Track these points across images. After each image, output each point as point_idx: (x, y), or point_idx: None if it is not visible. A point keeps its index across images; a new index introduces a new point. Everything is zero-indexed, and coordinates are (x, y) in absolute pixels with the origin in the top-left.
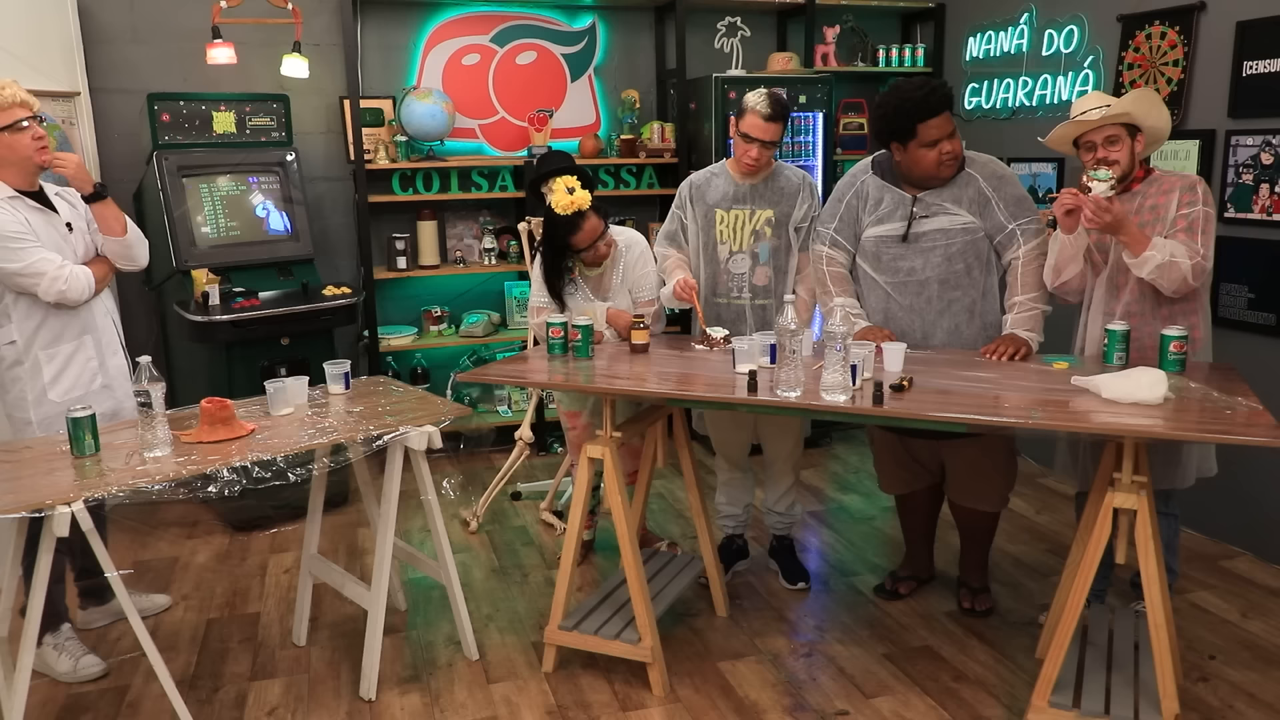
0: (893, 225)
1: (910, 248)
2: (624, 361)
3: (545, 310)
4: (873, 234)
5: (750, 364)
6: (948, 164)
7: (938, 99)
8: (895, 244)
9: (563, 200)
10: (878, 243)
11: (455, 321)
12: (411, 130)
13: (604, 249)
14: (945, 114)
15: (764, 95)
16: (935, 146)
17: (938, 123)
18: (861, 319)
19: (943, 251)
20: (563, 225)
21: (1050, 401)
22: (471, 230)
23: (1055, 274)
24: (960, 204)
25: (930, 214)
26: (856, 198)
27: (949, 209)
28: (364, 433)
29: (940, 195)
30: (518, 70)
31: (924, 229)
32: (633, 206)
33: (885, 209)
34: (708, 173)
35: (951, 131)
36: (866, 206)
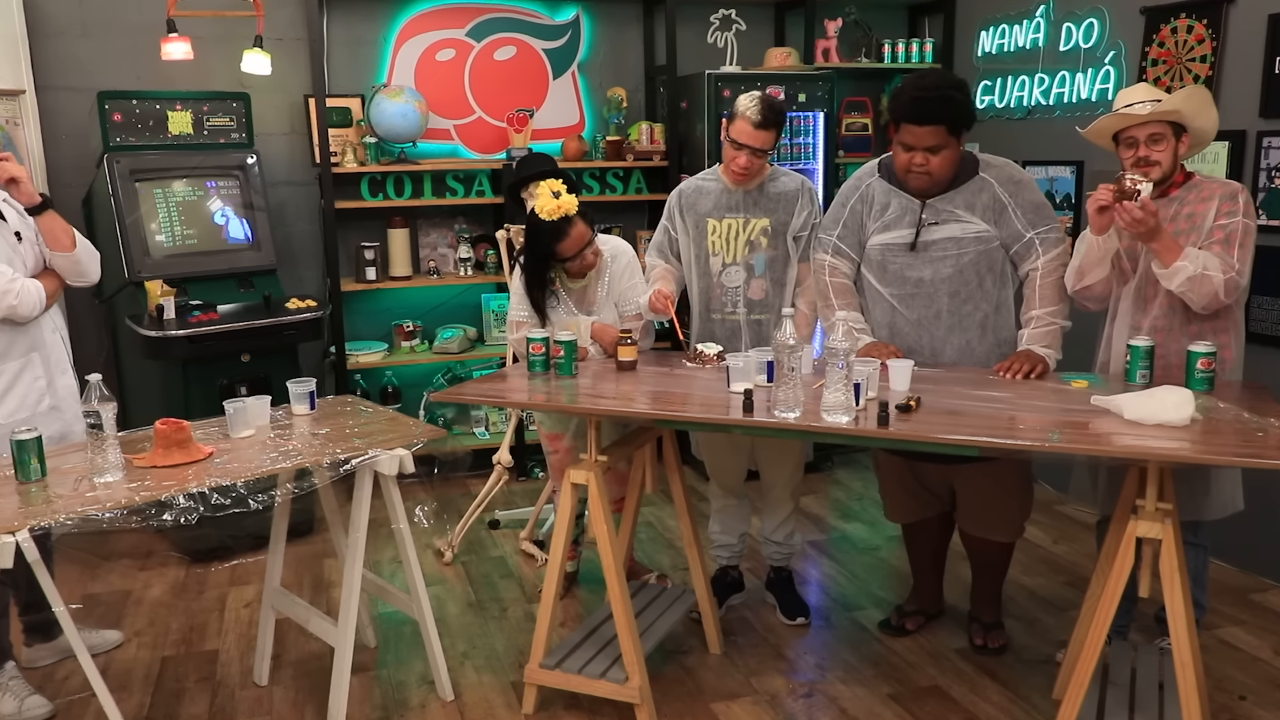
0: (900, 232)
1: (918, 257)
2: (610, 380)
3: (525, 325)
4: (878, 242)
5: (745, 382)
6: (916, 176)
7: (926, 109)
8: (902, 253)
9: (548, 205)
10: (883, 251)
11: (428, 337)
12: (381, 131)
13: (591, 258)
14: (930, 128)
15: (756, 100)
16: (908, 152)
17: (917, 132)
18: (866, 334)
19: (954, 261)
20: (547, 232)
21: (1069, 423)
22: (446, 239)
23: (1078, 277)
24: (973, 210)
25: (940, 221)
26: (861, 202)
27: (961, 216)
28: (330, 456)
29: (952, 201)
30: (496, 67)
31: (933, 237)
32: (619, 213)
33: (892, 215)
34: (698, 180)
35: (934, 147)
36: (872, 212)
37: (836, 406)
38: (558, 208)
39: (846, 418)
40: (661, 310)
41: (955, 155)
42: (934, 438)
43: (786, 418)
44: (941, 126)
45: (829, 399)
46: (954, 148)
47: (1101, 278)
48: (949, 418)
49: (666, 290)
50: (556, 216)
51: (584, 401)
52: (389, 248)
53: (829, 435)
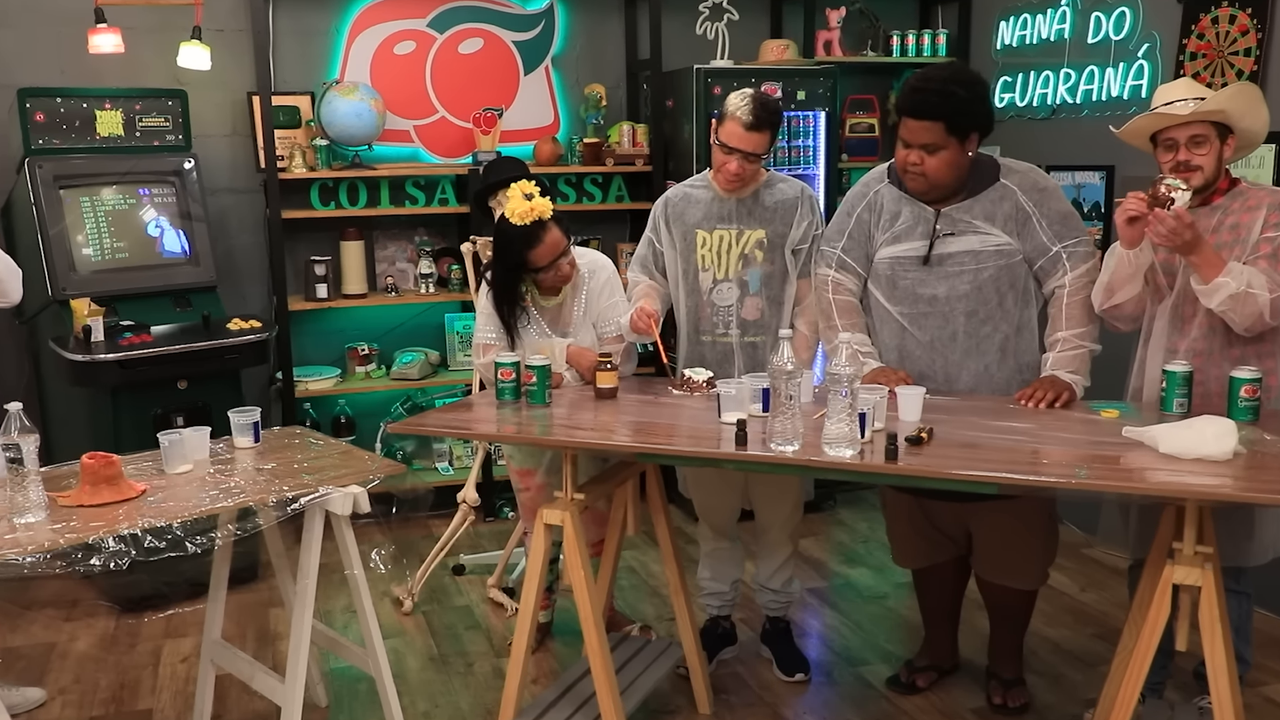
0: (911, 244)
1: (932, 272)
2: (587, 409)
3: (493, 348)
4: (887, 255)
5: (739, 412)
6: (911, 177)
7: (921, 102)
8: (914, 267)
9: (520, 207)
10: (893, 265)
11: (386, 361)
12: (334, 133)
13: (567, 269)
14: (925, 124)
15: (748, 99)
16: (905, 149)
17: (912, 126)
18: (872, 358)
19: (971, 277)
20: (519, 238)
21: (1098, 457)
22: (405, 252)
23: (1107, 294)
24: (993, 221)
25: (957, 232)
26: (869, 211)
27: (979, 226)
28: (277, 494)
29: (969, 210)
30: (461, 61)
31: (949, 250)
32: (598, 224)
33: (903, 225)
34: (686, 187)
35: (930, 146)
36: (880, 221)
37: (839, 439)
38: (530, 210)
39: (850, 451)
40: (644, 331)
41: (956, 159)
42: (948, 473)
43: (784, 451)
44: (938, 124)
45: (831, 430)
46: (955, 150)
47: (1133, 295)
48: (965, 451)
49: (650, 309)
50: (528, 221)
51: (559, 433)
52: (342, 262)
53: (831, 471)
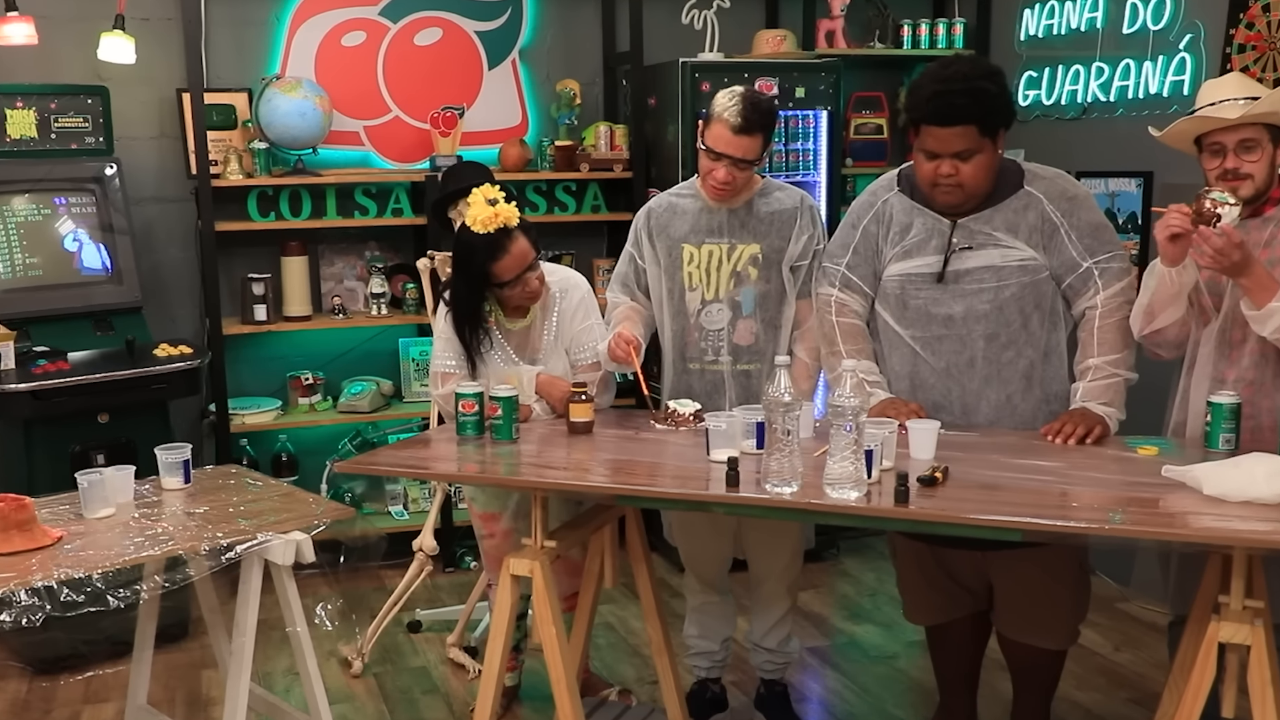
0: (924, 259)
1: (948, 290)
2: (559, 446)
3: (453, 377)
4: (898, 271)
5: (730, 449)
6: (944, 190)
7: (950, 107)
8: (928, 285)
9: (482, 213)
10: (904, 283)
11: (332, 392)
12: (274, 134)
13: (535, 284)
14: (957, 129)
15: (736, 98)
16: (932, 160)
17: (941, 135)
18: (880, 387)
19: (991, 295)
20: (481, 248)
21: (1134, 499)
22: (354, 269)
23: (1147, 318)
24: (1017, 233)
25: (976, 245)
26: (877, 223)
27: (1001, 239)
28: (210, 542)
29: (989, 220)
30: (417, 53)
31: (966, 265)
32: (571, 237)
33: (915, 238)
34: (672, 196)
35: (964, 152)
36: (890, 235)
37: (843, 479)
38: (494, 216)
39: (856, 493)
40: (624, 359)
41: (992, 161)
42: (966, 518)
43: (781, 493)
44: (971, 127)
45: (834, 470)
46: (989, 152)
47: (1176, 319)
48: (984, 493)
49: (630, 335)
50: (492, 228)
51: (527, 473)
52: (283, 280)
53: (834, 515)
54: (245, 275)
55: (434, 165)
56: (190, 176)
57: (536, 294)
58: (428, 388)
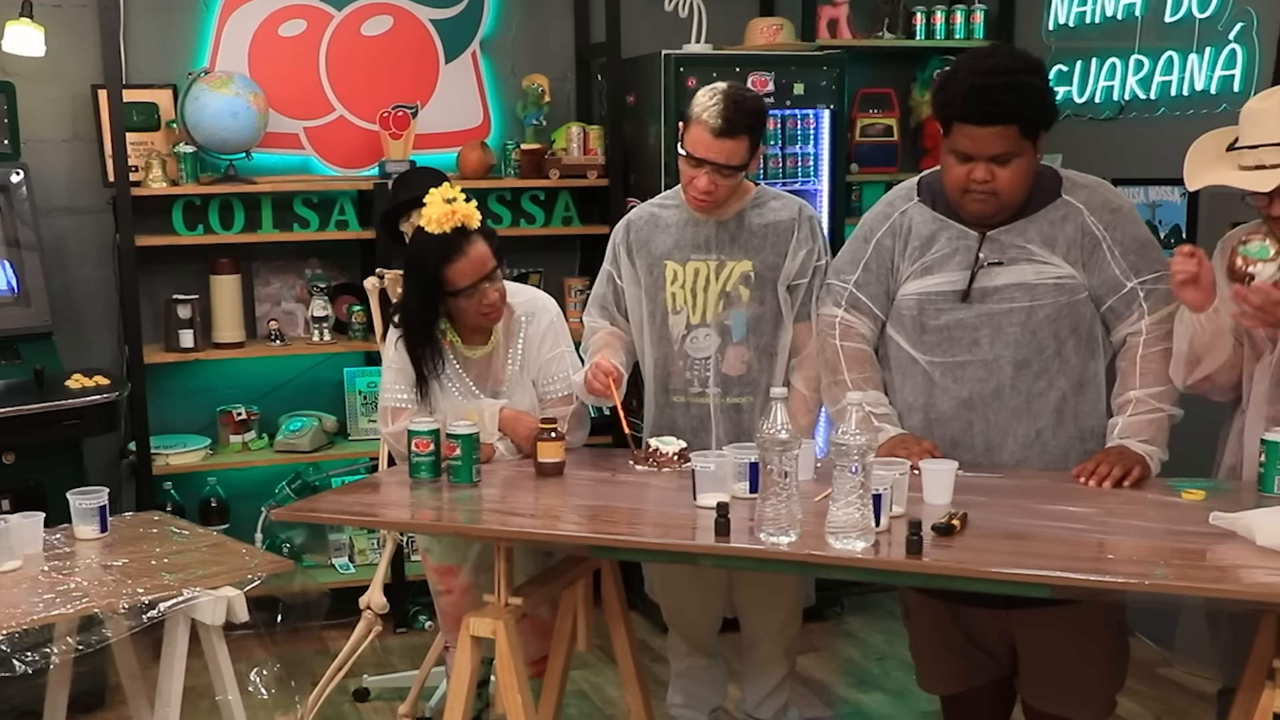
0: (947, 276)
1: (973, 311)
2: (526, 490)
3: (405, 412)
4: (916, 290)
5: (719, 493)
6: (977, 198)
7: (990, 103)
8: (950, 304)
9: (438, 211)
10: (922, 303)
11: (269, 429)
12: (202, 136)
13: (494, 297)
14: (996, 130)
15: (718, 97)
16: (965, 163)
17: (978, 135)
18: (890, 422)
19: (1022, 317)
20: (435, 250)
21: (1179, 550)
22: (294, 290)
23: (1190, 366)
24: (1053, 247)
25: (1007, 260)
26: (893, 236)
27: (1035, 253)
28: (129, 599)
29: (1023, 232)
30: (365, 45)
31: (995, 282)
32: (539, 253)
33: (938, 253)
34: (654, 206)
35: (1002, 156)
36: (908, 250)
37: (848, 527)
38: (450, 214)
39: (862, 543)
40: (602, 392)
41: (1031, 167)
42: (987, 572)
43: (777, 543)
44: (1012, 127)
45: (838, 517)
46: (1029, 156)
47: (1222, 360)
48: (1009, 543)
49: (609, 365)
50: (448, 227)
51: (489, 520)
52: (212, 302)
53: (838, 568)
54: (169, 296)
55: (384, 172)
56: (107, 184)
57: (496, 310)
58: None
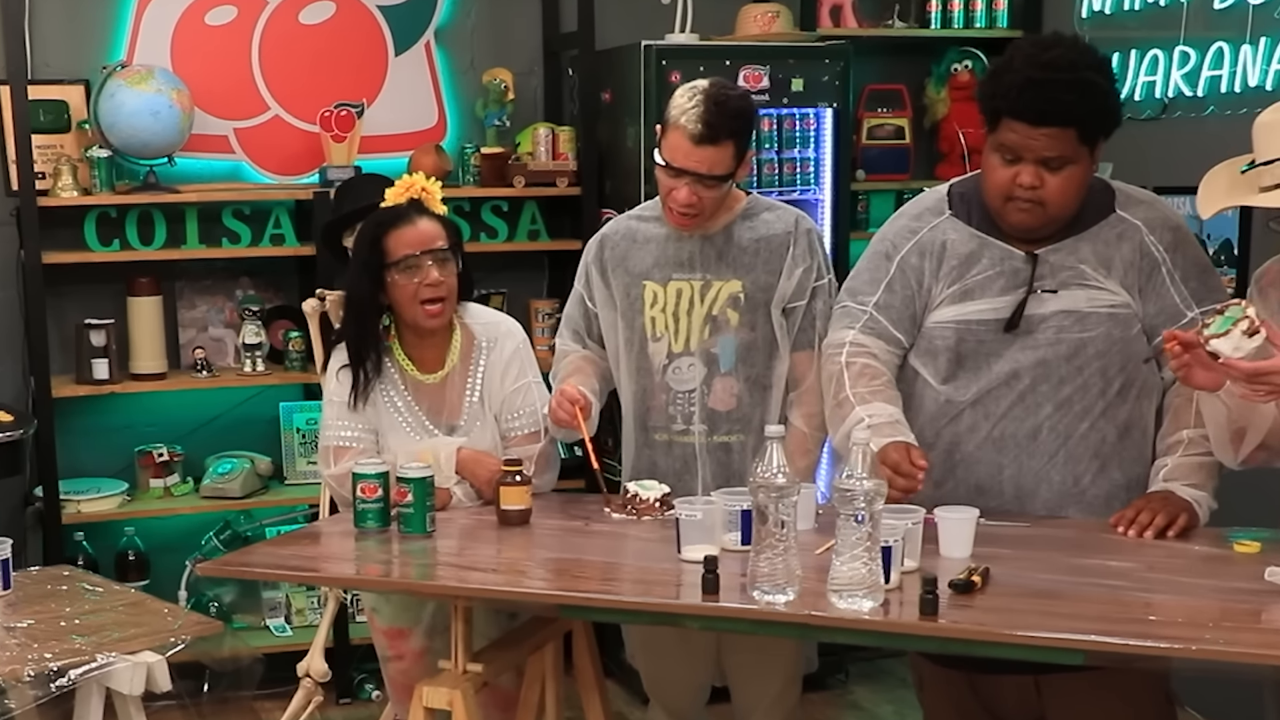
0: (990, 302)
1: (1014, 342)
2: (488, 541)
3: (350, 451)
4: (954, 316)
5: (706, 545)
6: (1020, 207)
7: (1049, 100)
8: (991, 334)
9: (403, 182)
10: (961, 332)
11: (194, 472)
12: (118, 139)
13: (436, 278)
14: (1053, 131)
15: (698, 97)
16: (1011, 165)
17: (1032, 136)
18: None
19: (1070, 350)
20: (381, 221)
21: (1232, 611)
22: (222, 313)
23: (1236, 441)
24: (1110, 269)
25: (1060, 285)
26: (922, 254)
27: (1088, 277)
28: (36, 665)
29: (1074, 251)
30: (303, 35)
31: (1046, 309)
32: (502, 271)
33: (979, 275)
34: (632, 219)
35: (1054, 161)
36: (944, 270)
37: (854, 584)
38: (410, 186)
39: (870, 602)
40: (567, 422)
41: (1085, 177)
42: (1012, 635)
43: (773, 602)
44: (1070, 130)
45: (842, 572)
46: (1084, 165)
47: (1270, 423)
48: (1037, 602)
49: (575, 391)
50: (404, 199)
51: (445, 575)
52: (130, 328)
53: (842, 631)
54: (81, 321)
55: (325, 179)
56: (10, 193)
57: (439, 303)
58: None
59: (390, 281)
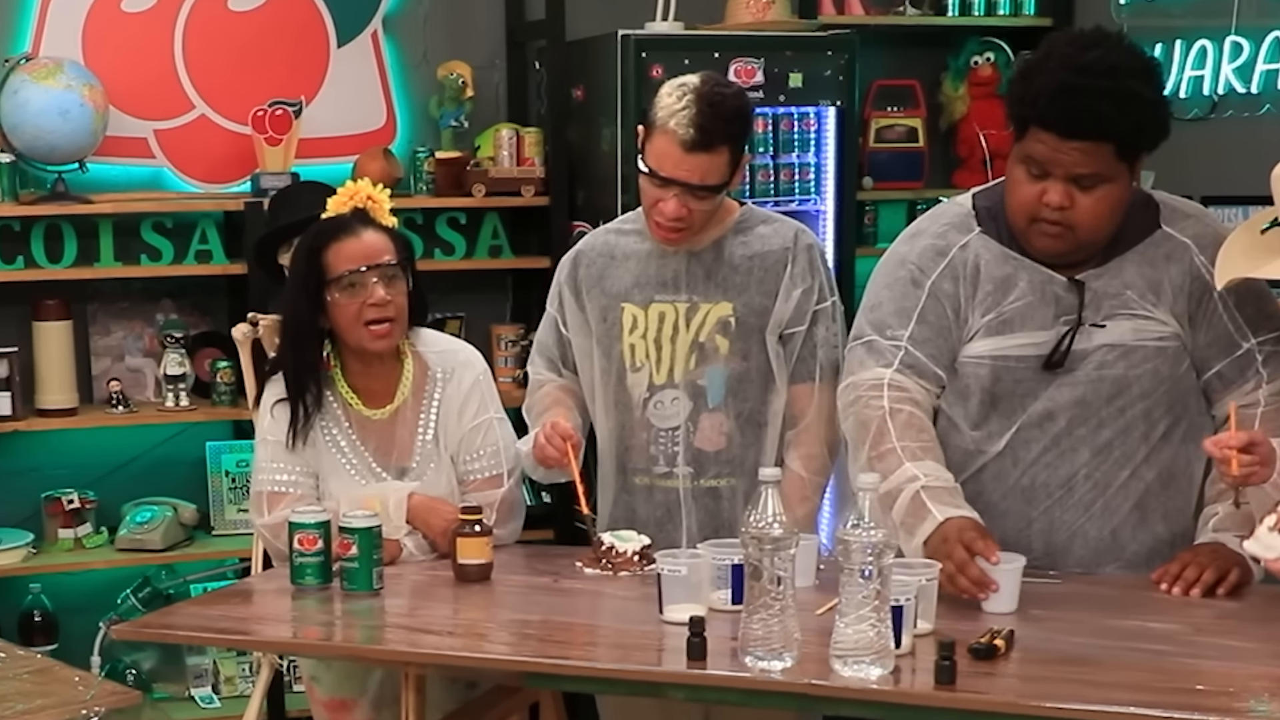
0: (1030, 336)
1: (1053, 380)
2: (443, 599)
3: (286, 497)
4: (989, 350)
5: (692, 604)
6: (1045, 231)
7: (1084, 110)
8: (1029, 372)
9: (346, 190)
10: (998, 370)
11: (109, 521)
12: (22, 142)
13: (382, 298)
14: (1087, 145)
15: (689, 95)
16: (1038, 181)
17: (1061, 148)
18: (958, 498)
19: (1112, 390)
20: (322, 230)
21: None
22: (141, 341)
23: None
24: (1159, 295)
25: (1106, 315)
26: (955, 279)
27: (1135, 305)
28: None
29: (1119, 275)
30: (233, 24)
31: (1087, 344)
32: (460, 293)
33: (1017, 302)
34: (610, 234)
35: (1087, 178)
36: (978, 296)
37: (860, 649)
38: (356, 193)
39: (878, 670)
40: (558, 460)
41: (1121, 197)
42: (1040, 707)
43: (769, 670)
44: (1106, 146)
45: (847, 635)
46: (1122, 184)
47: None
48: (1068, 669)
49: (568, 426)
50: (347, 209)
51: (394, 639)
52: (36, 357)
53: (846, 702)
54: None
55: (258, 187)
56: None
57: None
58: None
59: (331, 301)
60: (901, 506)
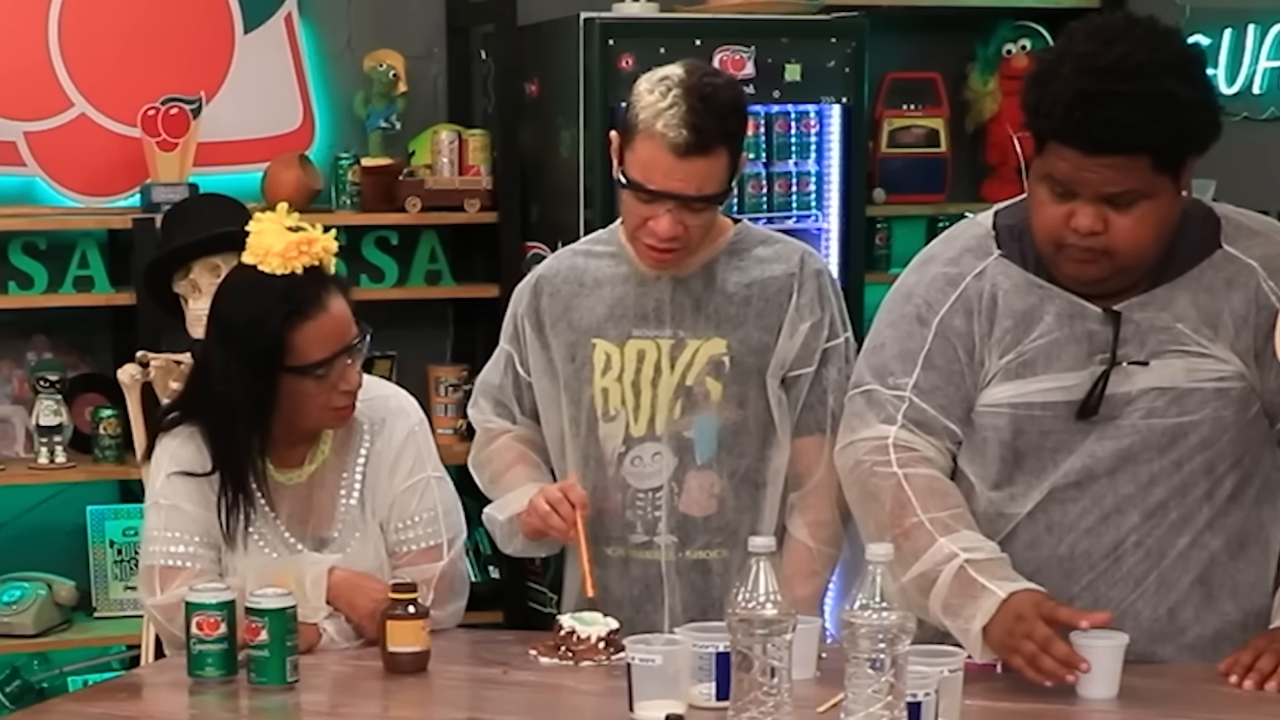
0: (1058, 379)
1: (1091, 430)
2: (370, 694)
3: (183, 573)
4: (1009, 396)
5: (669, 700)
6: (1076, 257)
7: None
8: (1060, 420)
9: (279, 242)
10: (1019, 420)
11: None
12: None
13: (355, 380)
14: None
15: (676, 92)
16: (1063, 202)
17: (1087, 165)
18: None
19: (1164, 440)
20: (279, 301)
21: None
22: (9, 384)
23: None
24: (1217, 328)
25: (1149, 353)
26: (969, 314)
27: (1188, 339)
28: None
29: (1168, 305)
30: (119, 7)
31: (1129, 387)
32: (391, 327)
33: (1042, 339)
34: (578, 254)
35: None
36: (994, 333)
37: None
38: (296, 249)
39: None
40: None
41: (1168, 214)
42: None
43: None
44: (1140, 158)
45: None
46: (1167, 198)
47: None
48: None
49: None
50: (297, 266)
51: None
52: None
53: None
54: None
55: (149, 201)
56: None
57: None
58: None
59: (294, 389)
60: (944, 587)
